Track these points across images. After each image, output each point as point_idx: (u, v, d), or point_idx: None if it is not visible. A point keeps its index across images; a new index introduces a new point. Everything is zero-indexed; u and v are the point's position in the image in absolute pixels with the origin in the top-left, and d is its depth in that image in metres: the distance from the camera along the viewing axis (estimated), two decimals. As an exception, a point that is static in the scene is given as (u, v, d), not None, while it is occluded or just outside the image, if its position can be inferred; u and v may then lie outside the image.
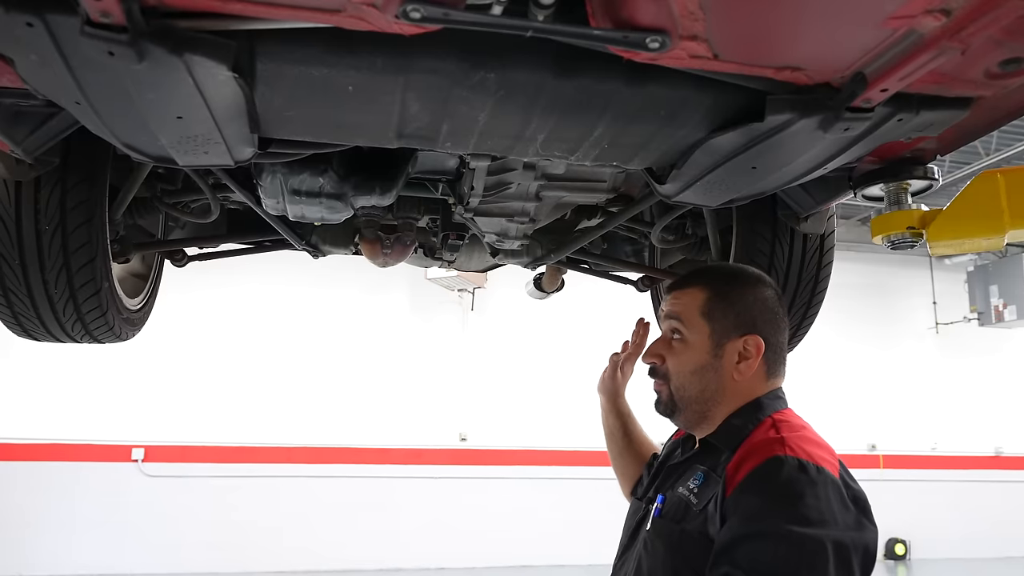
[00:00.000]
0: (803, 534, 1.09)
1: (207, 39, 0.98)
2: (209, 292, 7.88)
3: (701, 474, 1.32)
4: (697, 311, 1.37)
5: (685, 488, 1.32)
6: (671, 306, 1.41)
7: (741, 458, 1.24)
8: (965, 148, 7.64)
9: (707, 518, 1.22)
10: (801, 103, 1.12)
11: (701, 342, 1.36)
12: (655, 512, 1.34)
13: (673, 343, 1.40)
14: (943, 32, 0.94)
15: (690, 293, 1.40)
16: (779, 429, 1.27)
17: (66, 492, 7.61)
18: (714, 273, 1.46)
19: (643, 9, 0.94)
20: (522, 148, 1.36)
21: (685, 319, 1.37)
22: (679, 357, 1.38)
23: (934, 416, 9.89)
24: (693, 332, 1.37)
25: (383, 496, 8.23)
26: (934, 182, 1.46)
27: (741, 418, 1.33)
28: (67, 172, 1.65)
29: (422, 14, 0.92)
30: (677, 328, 1.39)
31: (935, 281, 10.44)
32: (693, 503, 1.27)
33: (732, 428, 1.32)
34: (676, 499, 1.32)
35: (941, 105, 1.16)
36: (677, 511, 1.29)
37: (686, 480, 1.34)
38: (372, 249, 2.27)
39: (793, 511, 1.11)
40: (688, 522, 1.25)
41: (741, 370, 1.34)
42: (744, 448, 1.26)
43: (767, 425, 1.29)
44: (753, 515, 1.14)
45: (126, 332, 2.09)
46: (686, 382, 1.37)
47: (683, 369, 1.37)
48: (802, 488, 1.14)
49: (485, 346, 8.87)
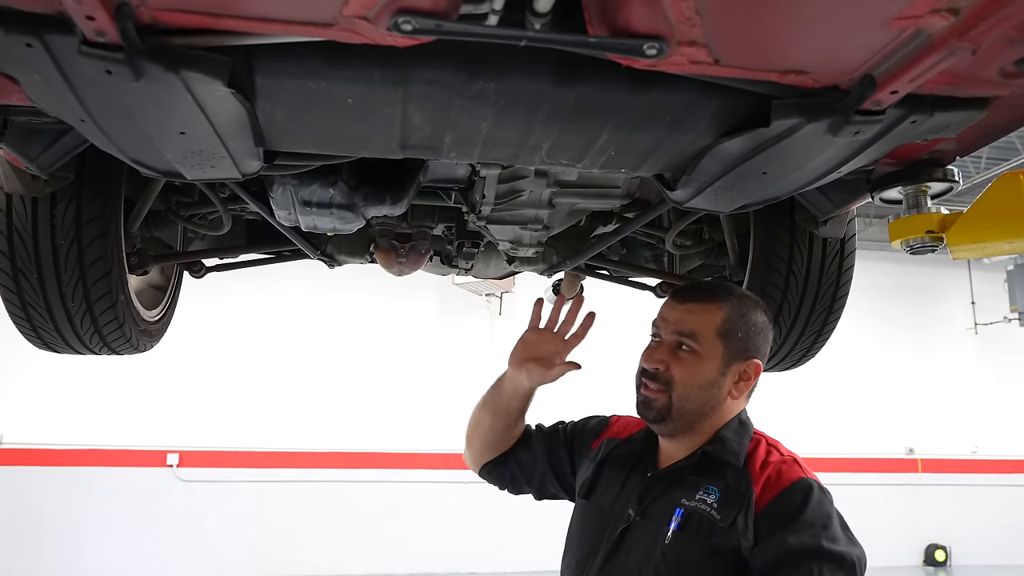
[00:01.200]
0: (839, 552, 1.23)
1: (202, 55, 0.99)
2: (240, 299, 7.99)
3: (714, 489, 1.34)
4: (714, 330, 1.39)
5: (700, 503, 1.33)
6: (686, 319, 1.41)
7: (766, 480, 1.32)
8: (1003, 144, 7.46)
9: (738, 534, 1.27)
10: (808, 107, 1.10)
11: (713, 359, 1.39)
12: (674, 526, 1.33)
13: (680, 353, 1.40)
14: (952, 32, 0.91)
15: (708, 310, 1.40)
16: (780, 450, 1.40)
17: (103, 497, 7.77)
18: (729, 294, 1.46)
19: (639, 16, 0.92)
20: (528, 156, 1.35)
21: (701, 335, 1.39)
22: (689, 369, 1.39)
23: (974, 419, 9.65)
24: (707, 349, 1.38)
25: (413, 500, 8.26)
26: (954, 184, 1.41)
27: (732, 433, 1.40)
28: (82, 187, 1.67)
29: (414, 26, 0.91)
30: (689, 342, 1.39)
31: (973, 281, 10.20)
32: (717, 519, 1.30)
33: (728, 442, 1.39)
34: (695, 513, 1.33)
35: (956, 106, 1.13)
36: (700, 527, 1.31)
37: (689, 492, 1.36)
38: (387, 258, 2.27)
39: (828, 531, 1.24)
40: (715, 537, 1.28)
41: (739, 389, 1.42)
42: (758, 468, 1.34)
43: (763, 445, 1.40)
44: (795, 534, 1.23)
45: (144, 343, 2.11)
46: (692, 394, 1.39)
47: (692, 382, 1.38)
48: (828, 510, 1.28)
49: (513, 350, 8.85)
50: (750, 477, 1.33)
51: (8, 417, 7.76)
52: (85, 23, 0.89)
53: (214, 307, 7.69)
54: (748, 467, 1.35)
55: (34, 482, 7.69)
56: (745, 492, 1.31)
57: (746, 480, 1.33)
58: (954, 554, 9.31)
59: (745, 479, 1.33)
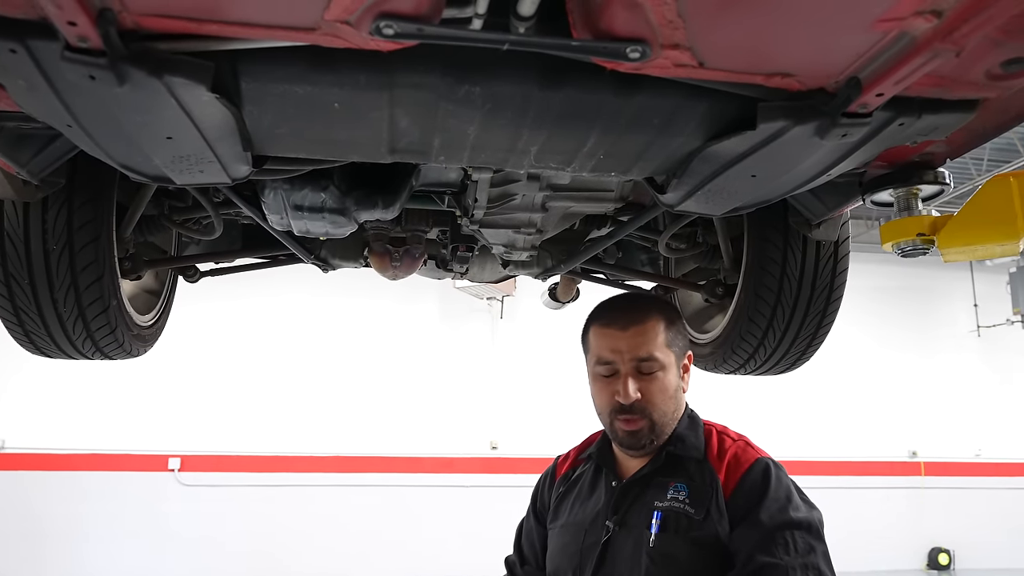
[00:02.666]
0: (804, 518, 1.34)
1: (185, 60, 0.99)
2: (242, 303, 8.00)
3: (683, 487, 1.41)
4: (664, 342, 1.45)
5: (673, 502, 1.40)
6: (639, 343, 1.44)
7: (727, 466, 1.41)
8: (1003, 146, 7.45)
9: (714, 523, 1.35)
10: (794, 110, 1.09)
11: (671, 368, 1.46)
12: (655, 528, 1.37)
13: (644, 377, 1.44)
14: (935, 34, 0.90)
15: (651, 327, 1.45)
16: (730, 435, 1.50)
17: (104, 501, 7.77)
18: (651, 302, 1.55)
19: (621, 19, 0.92)
20: (517, 160, 1.35)
21: (657, 352, 1.44)
22: (659, 387, 1.44)
23: (977, 421, 9.61)
24: (665, 361, 1.45)
25: (415, 505, 8.25)
26: (945, 186, 1.41)
27: (687, 430, 1.49)
28: (73, 192, 1.68)
29: (395, 30, 0.91)
30: (651, 361, 1.44)
31: (976, 283, 10.16)
32: (691, 513, 1.37)
33: (686, 439, 1.47)
34: (671, 512, 1.38)
35: (944, 108, 1.12)
36: (678, 524, 1.37)
37: (660, 494, 1.42)
38: (381, 262, 2.27)
39: (791, 502, 1.35)
40: (695, 531, 1.35)
41: (686, 381, 1.52)
42: (717, 457, 1.44)
43: (715, 434, 1.49)
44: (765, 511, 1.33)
45: (137, 348, 2.11)
46: (667, 408, 1.45)
47: (665, 395, 1.45)
48: (786, 483, 1.39)
49: (515, 354, 8.85)
50: (712, 467, 1.42)
51: (10, 422, 7.77)
52: (67, 29, 0.89)
53: (216, 311, 7.69)
54: (707, 458, 1.44)
55: (36, 487, 7.69)
56: (711, 482, 1.39)
57: (709, 471, 1.41)
58: (958, 558, 9.26)
59: (708, 470, 1.42)
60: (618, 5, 0.90)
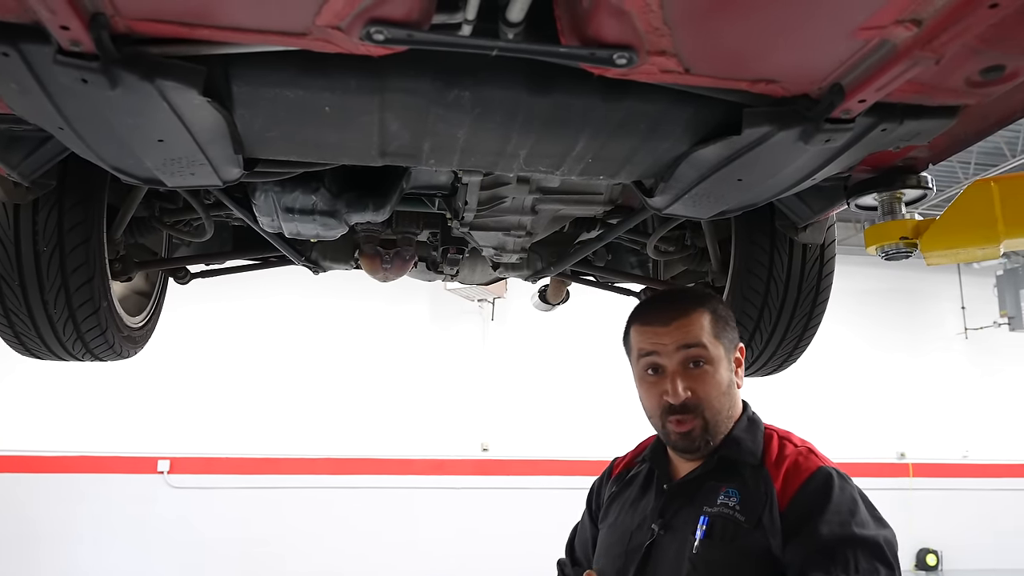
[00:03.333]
0: (871, 536, 1.23)
1: (177, 64, 1.00)
2: (233, 304, 7.97)
3: (734, 492, 1.33)
4: (711, 334, 1.38)
5: (723, 507, 1.32)
6: (684, 335, 1.37)
7: (785, 474, 1.31)
8: (990, 150, 7.51)
9: (766, 533, 1.26)
10: (778, 115, 1.11)
11: (722, 362, 1.38)
12: (700, 534, 1.31)
13: (693, 372, 1.37)
14: (915, 42, 0.92)
15: (696, 319, 1.38)
16: (793, 441, 1.40)
17: (93, 504, 7.72)
18: (696, 293, 1.49)
19: (608, 26, 0.94)
20: (506, 164, 1.36)
21: (705, 343, 1.37)
22: (710, 383, 1.36)
23: (965, 423, 9.68)
24: (715, 355, 1.37)
25: (405, 507, 8.24)
26: (928, 191, 1.43)
27: (744, 432, 1.40)
28: (64, 194, 1.68)
29: (386, 36, 0.92)
30: (699, 355, 1.36)
31: (963, 285, 10.24)
32: (741, 520, 1.29)
33: (742, 443, 1.38)
34: (719, 518, 1.31)
35: (925, 114, 1.15)
36: (726, 531, 1.29)
37: (710, 499, 1.34)
38: (372, 264, 2.28)
39: (856, 517, 1.25)
40: (743, 539, 1.27)
41: (740, 375, 1.43)
42: (775, 464, 1.34)
43: (776, 439, 1.39)
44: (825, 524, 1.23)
45: (127, 350, 2.11)
46: (720, 405, 1.37)
47: (718, 391, 1.37)
48: (852, 494, 1.28)
49: (506, 356, 8.86)
50: (768, 474, 1.32)
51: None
52: (60, 33, 0.90)
53: (206, 313, 7.66)
54: (764, 464, 1.34)
55: (24, 489, 7.64)
56: (765, 490, 1.30)
57: (764, 478, 1.32)
58: (945, 558, 9.31)
59: (764, 477, 1.32)
60: (606, 12, 0.91)
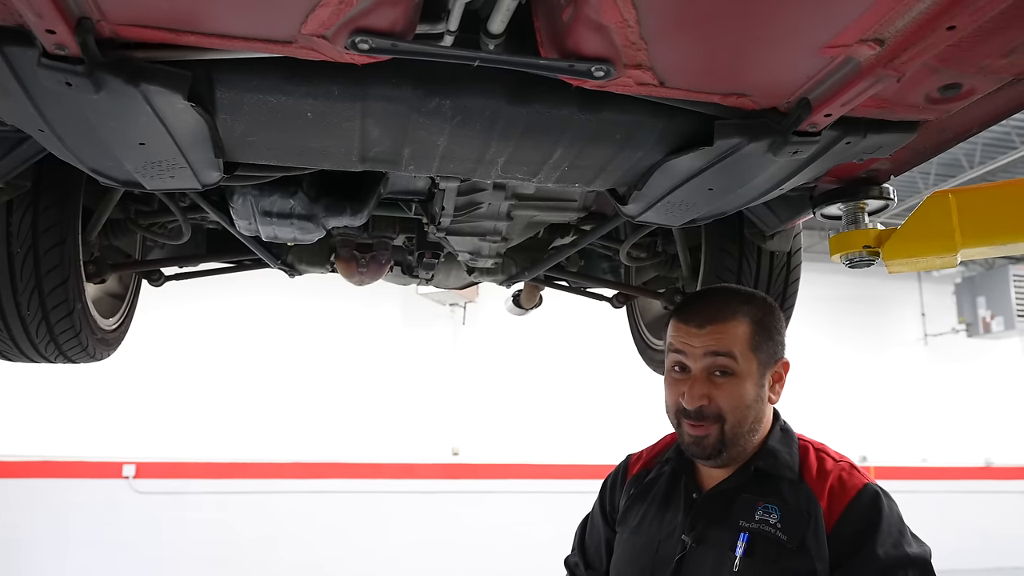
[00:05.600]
0: (920, 554, 1.24)
1: (162, 70, 1.01)
2: (199, 306, 7.87)
3: (774, 508, 1.29)
4: (746, 345, 1.33)
5: (763, 524, 1.28)
6: (715, 343, 1.33)
7: (829, 492, 1.28)
8: (949, 161, 7.71)
9: (812, 557, 1.22)
10: (748, 128, 1.15)
11: (751, 376, 1.33)
12: (741, 552, 1.26)
13: (717, 380, 1.33)
14: (878, 60, 0.97)
15: (733, 327, 1.34)
16: (831, 455, 1.37)
17: (58, 509, 7.56)
18: (742, 302, 1.40)
19: (587, 40, 0.97)
20: (484, 171, 1.38)
21: (734, 356, 1.32)
22: (733, 395, 1.32)
23: (924, 428, 9.89)
24: (744, 368, 1.33)
25: (375, 511, 8.19)
26: (889, 201, 1.49)
27: (779, 443, 1.37)
28: (39, 195, 1.67)
29: (370, 45, 0.95)
30: (726, 365, 1.32)
31: (924, 293, 10.48)
32: (784, 540, 1.25)
33: (779, 455, 1.35)
34: (760, 537, 1.27)
35: (887, 128, 1.20)
36: (767, 551, 1.25)
37: (747, 514, 1.30)
38: (348, 268, 2.29)
39: (905, 537, 1.25)
40: (785, 560, 1.23)
41: (776, 392, 1.39)
42: (817, 480, 1.31)
43: (812, 452, 1.37)
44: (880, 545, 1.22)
45: (100, 352, 2.10)
46: (742, 417, 1.33)
47: (739, 404, 1.32)
48: (898, 514, 1.28)
49: (477, 360, 8.87)
50: (810, 491, 1.28)
51: (-45, 428, 7.55)
52: (46, 36, 0.90)
53: (174, 315, 7.56)
54: (804, 479, 1.31)
55: (-17, 495, 7.48)
56: (808, 508, 1.26)
57: (806, 494, 1.28)
58: (906, 560, 9.51)
59: (804, 493, 1.29)
60: (585, 26, 0.94)
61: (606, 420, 8.22)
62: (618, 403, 8.08)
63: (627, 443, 1.93)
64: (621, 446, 1.93)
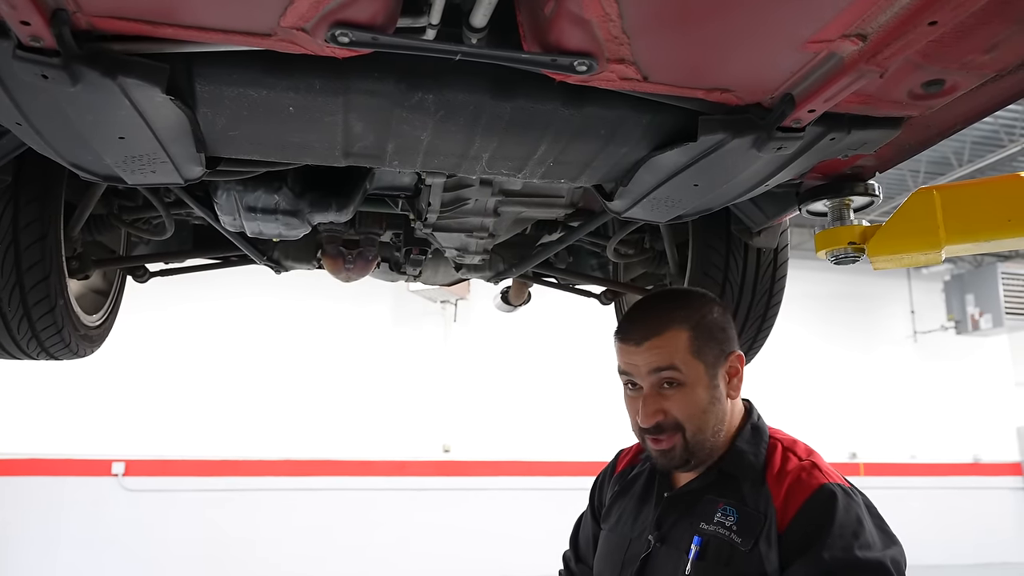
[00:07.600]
0: (875, 559, 1.18)
1: (140, 62, 0.99)
2: (189, 304, 7.84)
3: (732, 510, 1.29)
4: (688, 353, 1.32)
5: (719, 527, 1.28)
6: (656, 358, 1.33)
7: (786, 492, 1.26)
8: (938, 159, 7.74)
9: (762, 558, 1.21)
10: (733, 123, 1.15)
11: (700, 380, 1.33)
12: (693, 555, 1.27)
13: (667, 392, 1.33)
14: (860, 56, 0.97)
15: (670, 338, 1.33)
16: (797, 453, 1.34)
17: (46, 507, 7.52)
18: (676, 307, 1.39)
19: (569, 34, 0.96)
20: (469, 166, 1.38)
21: (678, 364, 1.32)
22: (686, 403, 1.32)
23: (913, 424, 9.96)
24: (690, 375, 1.32)
25: (367, 508, 8.19)
26: (875, 198, 1.49)
27: (747, 443, 1.36)
28: (19, 190, 1.65)
29: (350, 38, 0.94)
30: (671, 377, 1.32)
31: (913, 290, 10.54)
32: (737, 543, 1.24)
33: (743, 455, 1.35)
34: (714, 539, 1.27)
35: (871, 125, 1.20)
36: (720, 553, 1.25)
37: (707, 515, 1.31)
38: (334, 264, 2.27)
39: (860, 539, 1.19)
40: (737, 564, 1.23)
41: (735, 386, 1.39)
42: (777, 479, 1.29)
43: (779, 451, 1.34)
44: (827, 548, 1.18)
45: (84, 349, 2.08)
46: (701, 423, 1.33)
47: (695, 411, 1.32)
48: (857, 514, 1.22)
49: (468, 357, 8.86)
50: (768, 492, 1.27)
51: (-58, 426, 7.49)
52: (20, 28, 0.89)
53: (163, 312, 7.53)
54: (766, 478, 1.30)
55: (-30, 493, 7.43)
56: (764, 510, 1.26)
57: (764, 496, 1.27)
58: (895, 555, 9.56)
59: (763, 495, 1.28)
60: (567, 21, 0.94)
61: (596, 417, 8.23)
62: (607, 400, 8.10)
63: (616, 440, 1.93)
64: (610, 443, 1.93)
